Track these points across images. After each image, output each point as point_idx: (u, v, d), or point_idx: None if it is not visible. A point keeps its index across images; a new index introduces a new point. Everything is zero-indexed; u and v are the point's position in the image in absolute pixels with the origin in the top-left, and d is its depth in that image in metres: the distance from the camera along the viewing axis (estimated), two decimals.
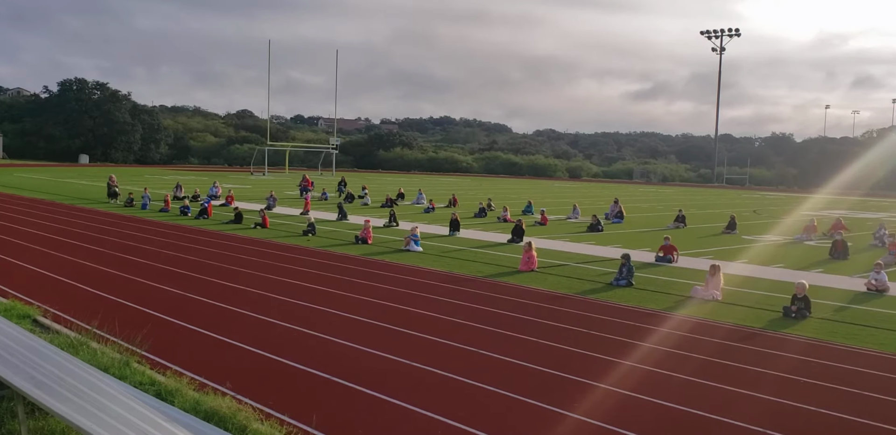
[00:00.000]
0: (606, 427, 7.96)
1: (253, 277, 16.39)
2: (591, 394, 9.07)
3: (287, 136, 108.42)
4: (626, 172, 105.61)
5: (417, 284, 16.14)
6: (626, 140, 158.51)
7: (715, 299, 15.31)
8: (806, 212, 42.41)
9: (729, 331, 12.72)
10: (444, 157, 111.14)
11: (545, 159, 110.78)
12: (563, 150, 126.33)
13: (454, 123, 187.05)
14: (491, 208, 35.97)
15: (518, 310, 13.80)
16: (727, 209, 40.94)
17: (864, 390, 9.48)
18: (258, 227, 26.64)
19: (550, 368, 10.05)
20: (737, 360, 10.81)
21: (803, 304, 13.96)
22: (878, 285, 16.86)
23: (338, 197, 43.13)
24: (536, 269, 18.50)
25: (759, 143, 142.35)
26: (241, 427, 6.99)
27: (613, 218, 33.68)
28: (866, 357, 11.21)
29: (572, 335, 11.97)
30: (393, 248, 22.06)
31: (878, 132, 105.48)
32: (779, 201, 58.08)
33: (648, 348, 11.31)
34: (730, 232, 29.87)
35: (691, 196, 62.25)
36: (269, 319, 12.39)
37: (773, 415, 8.49)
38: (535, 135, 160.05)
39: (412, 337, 11.53)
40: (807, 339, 12.27)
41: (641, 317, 13.61)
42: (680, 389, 9.38)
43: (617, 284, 16.73)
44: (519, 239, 24.09)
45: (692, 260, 21.13)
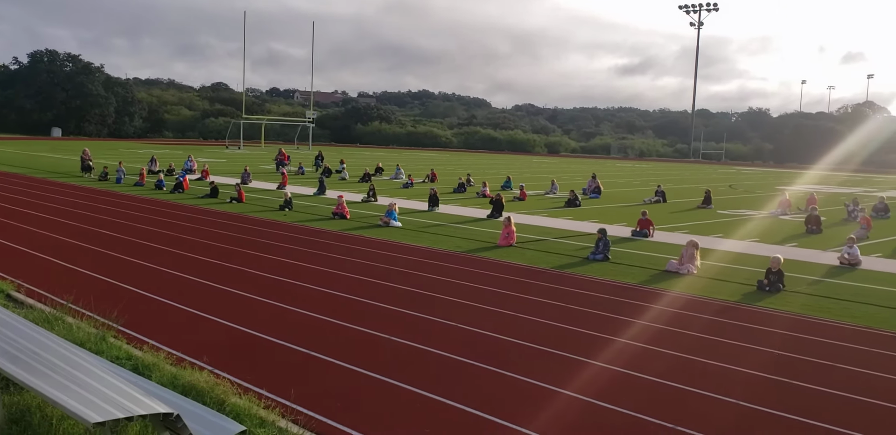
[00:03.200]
0: (588, 400, 8.06)
1: (229, 251, 16.29)
2: (571, 367, 9.17)
3: (263, 110, 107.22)
4: (604, 148, 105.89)
5: (396, 260, 16.14)
6: (605, 115, 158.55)
7: (690, 273, 15.48)
8: (781, 186, 42.85)
9: (704, 304, 12.89)
10: (422, 131, 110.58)
11: (524, 135, 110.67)
12: (542, 125, 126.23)
13: (433, 97, 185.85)
14: (470, 184, 35.93)
15: (497, 284, 13.87)
16: (703, 184, 41.27)
17: (838, 363, 9.67)
18: (234, 201, 26.43)
19: (529, 341, 10.14)
20: (711, 332, 10.97)
21: (777, 277, 14.16)
22: (850, 259, 17.13)
23: (315, 171, 42.87)
24: (515, 244, 18.57)
25: (735, 118, 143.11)
26: (218, 401, 6.99)
27: (591, 193, 33.82)
28: (839, 330, 11.42)
29: (550, 309, 12.07)
30: (371, 223, 22.01)
31: (853, 108, 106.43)
32: (754, 176, 58.61)
33: (625, 322, 11.44)
34: (705, 207, 30.13)
35: (668, 171, 62.62)
36: (246, 293, 12.35)
37: (749, 387, 8.65)
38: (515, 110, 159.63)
39: (391, 311, 11.55)
40: (780, 312, 12.46)
41: (618, 291, 13.74)
42: (657, 361, 9.50)
43: (594, 259, 16.85)
44: (498, 214, 24.13)
45: (668, 235, 21.31)
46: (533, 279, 14.51)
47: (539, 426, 7.23)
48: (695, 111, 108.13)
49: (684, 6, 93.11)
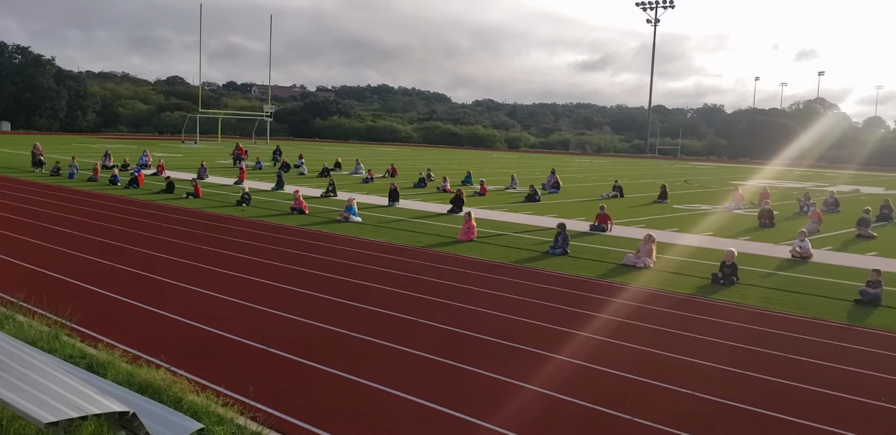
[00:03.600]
0: (548, 393, 8.14)
1: (186, 247, 16.06)
2: (532, 360, 9.25)
3: (220, 104, 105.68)
4: (563, 143, 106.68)
5: (356, 255, 16.08)
6: (563, 111, 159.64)
7: (647, 267, 15.72)
8: (735, 181, 43.68)
9: (660, 297, 13.09)
10: (382, 126, 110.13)
11: (484, 130, 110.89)
12: (502, 120, 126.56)
13: (393, 92, 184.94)
14: (430, 179, 35.93)
15: (457, 279, 13.91)
16: (659, 179, 41.85)
17: (790, 354, 9.92)
18: (190, 196, 26.04)
19: (489, 335, 10.19)
20: (668, 325, 11.16)
21: (731, 271, 14.45)
22: (801, 252, 17.56)
23: (273, 166, 42.42)
24: (476, 238, 18.63)
25: (691, 114, 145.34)
26: (176, 399, 6.90)
27: (550, 188, 34.08)
28: (791, 321, 11.71)
29: (510, 303, 12.15)
30: (330, 218, 21.88)
31: (805, 104, 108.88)
32: (709, 171, 59.65)
33: (584, 315, 11.57)
34: (661, 201, 30.58)
35: (625, 166, 63.39)
36: (203, 290, 12.19)
37: (705, 379, 8.82)
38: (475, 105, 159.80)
39: (350, 307, 11.51)
40: (734, 304, 12.73)
41: (577, 284, 13.89)
42: (616, 354, 9.64)
43: (553, 253, 16.99)
44: (458, 209, 24.18)
45: (625, 229, 21.59)
46: (493, 274, 14.58)
47: (500, 420, 7.28)
48: (651, 107, 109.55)
49: (641, 3, 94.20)
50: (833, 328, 11.38)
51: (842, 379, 8.94)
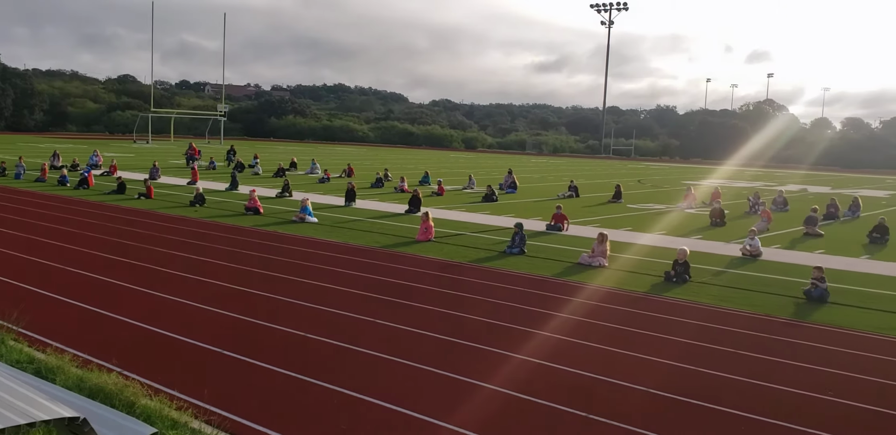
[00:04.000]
0: (506, 392, 8.18)
1: (138, 249, 15.76)
2: (490, 360, 9.29)
3: (173, 103, 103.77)
4: (520, 144, 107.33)
5: (312, 256, 15.97)
6: (520, 112, 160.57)
7: (601, 266, 15.91)
8: (687, 181, 44.48)
9: (615, 296, 13.27)
10: (339, 125, 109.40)
11: (441, 130, 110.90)
12: (459, 120, 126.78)
13: (350, 91, 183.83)
14: (388, 179, 35.84)
15: (414, 279, 13.91)
16: (613, 179, 42.39)
17: (741, 350, 10.14)
18: (142, 197, 25.56)
19: (447, 335, 10.21)
20: (623, 323, 11.32)
21: (684, 269, 14.72)
22: (752, 251, 17.96)
23: (227, 166, 41.87)
24: (433, 238, 18.65)
25: (644, 115, 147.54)
26: (128, 403, 6.77)
27: (507, 188, 34.27)
28: (742, 318, 11.97)
29: (468, 303, 12.19)
30: (285, 219, 21.68)
31: (755, 105, 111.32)
32: (662, 171, 60.62)
33: (541, 314, 11.66)
34: (616, 201, 30.98)
35: (580, 167, 64.07)
36: (155, 292, 11.97)
37: (659, 375, 8.96)
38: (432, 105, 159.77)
39: (305, 308, 11.43)
40: (687, 302, 12.96)
41: (533, 283, 13.99)
42: (572, 352, 9.73)
43: (510, 253, 17.09)
44: (416, 209, 24.17)
45: (581, 228, 21.82)
46: (451, 273, 14.61)
47: (458, 420, 7.30)
48: (606, 108, 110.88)
49: (595, 5, 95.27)
50: (783, 325, 11.67)
51: (791, 374, 9.17)
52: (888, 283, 15.27)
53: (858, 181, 54.50)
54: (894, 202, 35.94)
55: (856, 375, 9.20)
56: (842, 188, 44.44)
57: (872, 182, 53.96)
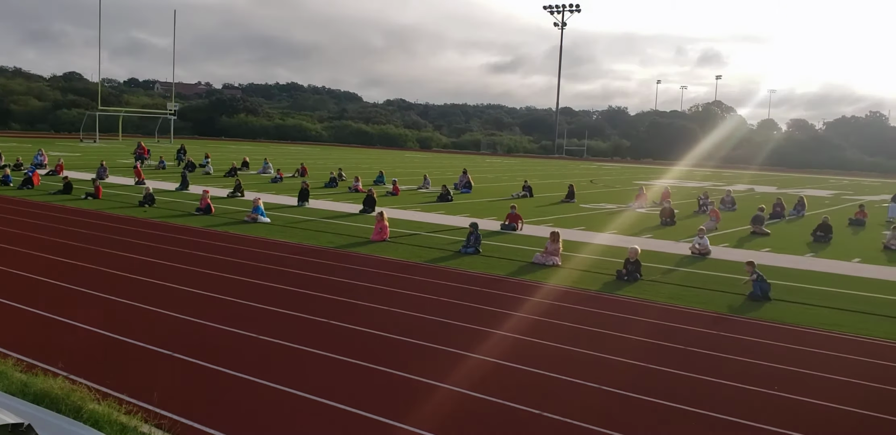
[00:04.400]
0: (463, 392, 8.20)
1: (84, 250, 15.38)
2: (446, 360, 9.30)
3: (121, 101, 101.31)
4: (474, 144, 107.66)
5: (264, 256, 15.79)
6: (474, 112, 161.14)
7: (555, 265, 16.07)
8: (638, 181, 45.17)
9: (568, 294, 13.41)
10: (292, 124, 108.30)
11: (396, 129, 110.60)
12: (414, 120, 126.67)
13: (302, 90, 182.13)
14: (342, 178, 35.63)
15: (369, 279, 13.85)
16: (566, 179, 42.82)
17: (690, 346, 10.34)
18: (90, 197, 24.95)
19: (403, 335, 10.20)
20: (576, 321, 11.44)
21: (635, 267, 14.95)
22: (700, 249, 18.32)
23: (177, 166, 41.14)
24: (388, 238, 18.60)
25: (596, 116, 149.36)
26: (75, 408, 6.60)
27: (462, 188, 34.36)
28: (690, 315, 12.21)
29: (424, 302, 12.19)
30: (237, 219, 21.40)
31: (703, 106, 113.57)
32: (613, 171, 61.45)
33: (496, 313, 11.73)
34: (569, 201, 31.30)
35: (534, 167, 64.57)
36: (102, 294, 11.70)
37: (612, 373, 9.08)
38: (386, 104, 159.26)
39: (258, 309, 11.30)
40: (638, 300, 13.17)
41: (488, 283, 14.06)
42: (527, 350, 9.81)
43: (465, 252, 17.15)
44: (370, 209, 24.08)
45: (535, 228, 22.00)
46: (406, 273, 14.60)
47: (414, 420, 7.30)
48: (559, 109, 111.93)
49: (549, 6, 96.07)
50: (731, 322, 11.93)
51: (739, 370, 9.38)
52: (831, 280, 15.74)
53: (803, 181, 56.03)
54: (837, 202, 37.05)
55: (800, 370, 9.46)
56: (787, 188, 45.63)
57: (816, 182, 55.52)
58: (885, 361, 10.05)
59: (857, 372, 9.44)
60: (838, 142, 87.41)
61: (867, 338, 11.17)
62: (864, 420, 7.90)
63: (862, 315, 12.61)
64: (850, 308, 13.07)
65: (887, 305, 13.50)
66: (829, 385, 8.94)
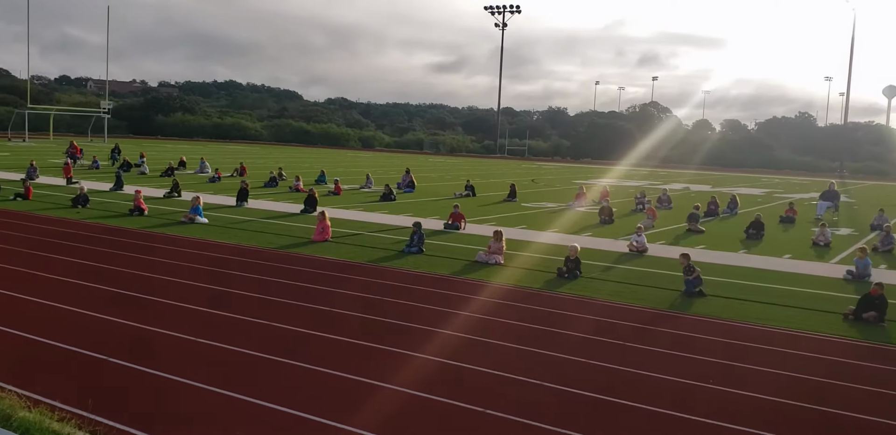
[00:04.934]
0: (406, 392, 8.19)
1: (11, 252, 14.83)
2: (389, 360, 9.28)
3: (52, 99, 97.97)
4: (417, 143, 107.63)
5: (201, 258, 15.49)
6: (417, 111, 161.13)
7: (497, 263, 16.19)
8: (577, 181, 45.83)
9: (510, 292, 13.53)
10: (230, 123, 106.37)
11: (338, 128, 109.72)
12: (356, 119, 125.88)
13: (241, 88, 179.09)
14: (282, 178, 35.19)
15: (311, 280, 13.73)
16: (508, 179, 43.14)
17: (629, 342, 10.55)
18: (19, 198, 24.08)
19: (346, 336, 10.13)
20: (519, 319, 11.56)
21: (575, 265, 15.18)
22: (638, 247, 18.71)
23: (111, 165, 40.02)
24: (330, 238, 18.45)
25: (537, 116, 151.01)
26: (4, 416, 6.37)
27: (405, 187, 34.32)
28: (629, 311, 12.45)
29: (367, 303, 12.13)
30: (174, 220, 20.94)
31: (640, 107, 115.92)
32: (554, 171, 62.19)
33: (440, 312, 11.76)
34: (511, 200, 31.56)
35: (476, 166, 64.90)
36: (34, 298, 11.31)
37: (553, 369, 9.20)
38: (327, 103, 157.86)
39: (197, 312, 11.08)
40: (578, 297, 13.37)
41: (432, 282, 14.08)
42: (471, 349, 9.85)
43: (409, 252, 17.14)
44: (312, 209, 23.84)
45: (478, 227, 22.12)
46: (349, 274, 14.51)
47: (357, 422, 7.26)
48: (500, 109, 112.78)
49: (489, 7, 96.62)
50: (668, 317, 12.21)
51: (676, 364, 9.62)
52: (763, 275, 16.25)
53: (736, 180, 57.67)
54: (769, 200, 38.26)
55: (734, 363, 9.75)
56: (721, 187, 46.90)
57: (749, 181, 57.23)
58: (813, 353, 10.44)
59: (787, 364, 9.78)
60: (769, 142, 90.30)
61: (796, 331, 11.57)
62: (794, 410, 8.19)
63: (792, 309, 13.06)
64: (780, 303, 13.53)
65: (816, 299, 14.01)
66: (761, 377, 9.24)
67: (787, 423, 7.79)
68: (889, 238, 20.60)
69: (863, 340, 11.24)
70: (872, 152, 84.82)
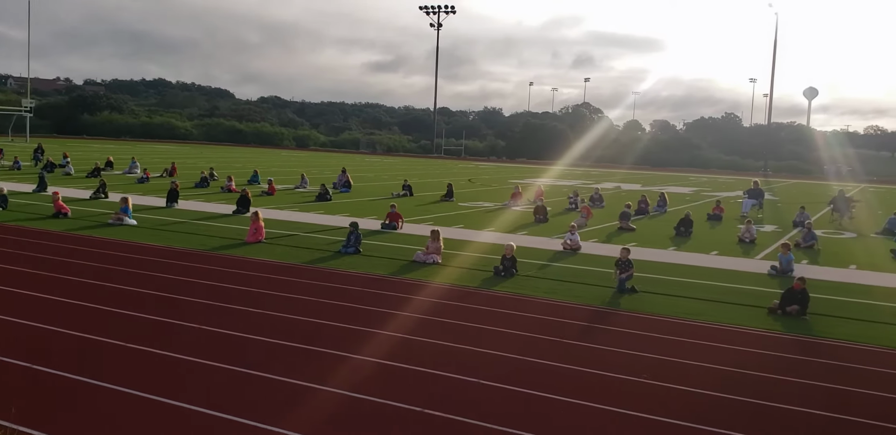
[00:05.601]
0: (344, 393, 8.10)
1: None
2: (326, 362, 9.17)
3: None
4: (353, 142, 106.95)
5: (129, 260, 15.04)
6: (352, 110, 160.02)
7: (435, 263, 16.20)
8: (513, 180, 46.26)
9: (448, 291, 13.55)
10: (159, 122, 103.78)
11: (271, 127, 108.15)
12: (290, 118, 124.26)
13: (171, 87, 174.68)
14: (214, 178, 34.47)
15: (245, 282, 13.47)
16: (445, 178, 43.26)
17: (564, 338, 10.68)
18: None
19: (281, 339, 9.97)
20: (456, 318, 11.57)
21: (511, 263, 15.31)
22: (572, 245, 18.99)
23: (34, 166, 38.51)
24: (264, 240, 18.14)
25: (473, 116, 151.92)
26: None
27: (341, 187, 34.04)
28: (564, 308, 12.61)
29: (303, 304, 11.97)
30: (101, 222, 20.27)
31: (573, 108, 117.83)
32: (490, 171, 62.64)
33: (377, 312, 11.68)
34: (448, 199, 31.64)
35: (413, 166, 64.87)
36: None
37: (490, 366, 9.23)
38: (260, 102, 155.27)
39: (126, 316, 10.74)
40: (514, 295, 13.48)
41: (369, 283, 13.99)
42: (408, 349, 9.81)
43: (345, 252, 16.99)
44: (245, 209, 23.41)
45: (415, 226, 22.09)
46: (284, 275, 14.29)
47: (290, 424, 7.14)
48: (437, 109, 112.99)
49: (424, 7, 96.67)
50: (601, 314, 12.42)
51: (611, 360, 9.78)
52: (692, 272, 16.69)
53: (665, 179, 59.13)
54: (697, 198, 39.34)
55: (666, 357, 9.97)
56: (651, 186, 48.00)
57: (678, 179, 58.75)
58: (741, 346, 10.77)
59: (718, 358, 10.06)
60: (697, 142, 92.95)
61: (725, 325, 11.92)
62: (723, 402, 8.42)
63: (720, 304, 13.45)
64: (709, 298, 13.91)
65: (743, 294, 14.46)
66: (693, 371, 9.47)
67: (715, 415, 8.00)
68: (811, 234, 21.42)
69: (787, 332, 11.65)
70: (794, 152, 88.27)
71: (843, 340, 11.26)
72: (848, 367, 9.95)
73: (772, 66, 76.80)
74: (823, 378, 9.37)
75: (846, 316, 12.83)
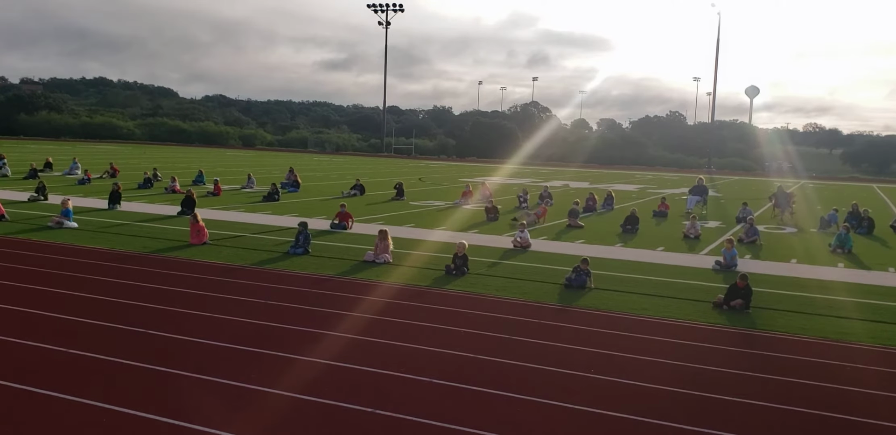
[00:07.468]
0: (293, 396, 8.00)
1: None
2: (274, 364, 9.04)
3: None
4: (301, 141, 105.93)
5: (71, 264, 14.61)
6: (300, 109, 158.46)
7: (386, 262, 16.13)
8: (463, 179, 46.38)
9: (399, 291, 13.50)
10: (100, 122, 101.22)
11: (216, 126, 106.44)
12: (236, 117, 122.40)
13: (112, 86, 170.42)
14: (157, 178, 33.75)
15: (190, 285, 13.20)
16: (395, 177, 43.14)
17: (514, 335, 10.73)
18: None
19: (228, 342, 9.80)
20: (407, 317, 11.53)
21: (462, 262, 15.33)
22: (522, 242, 19.12)
23: None
24: (209, 241, 17.81)
25: (422, 115, 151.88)
26: None
27: (289, 187, 33.66)
28: (514, 306, 12.67)
29: (250, 307, 11.79)
30: (40, 225, 19.66)
31: (522, 107, 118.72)
32: (440, 169, 62.71)
33: (327, 313, 11.57)
34: (399, 199, 31.56)
35: (363, 165, 64.53)
36: None
37: (440, 365, 9.23)
38: (205, 100, 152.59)
39: (70, 322, 10.43)
40: (466, 293, 13.50)
41: (318, 283, 13.85)
42: (358, 350, 9.74)
43: (294, 253, 16.79)
44: (190, 211, 22.95)
45: (365, 226, 21.96)
46: (230, 277, 14.05)
47: (238, 428, 7.03)
48: (386, 108, 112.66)
49: (372, 5, 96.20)
50: (551, 310, 12.52)
51: (559, 356, 9.86)
52: (639, 268, 16.95)
53: (612, 177, 60.02)
54: (643, 195, 40.01)
55: (614, 352, 10.10)
56: (599, 183, 48.65)
57: (624, 177, 59.66)
58: (686, 340, 10.98)
59: (664, 352, 10.23)
60: (643, 140, 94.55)
61: (671, 320, 12.14)
62: (671, 396, 8.57)
63: (666, 299, 13.68)
64: (656, 293, 14.14)
65: (688, 289, 14.75)
66: (640, 366, 9.61)
67: (660, 407, 8.13)
68: (753, 230, 21.96)
69: (731, 326, 11.92)
70: (737, 149, 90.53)
71: (783, 333, 11.57)
72: (786, 358, 10.23)
73: (715, 65, 78.68)
74: (763, 370, 9.61)
75: (786, 309, 13.19)
